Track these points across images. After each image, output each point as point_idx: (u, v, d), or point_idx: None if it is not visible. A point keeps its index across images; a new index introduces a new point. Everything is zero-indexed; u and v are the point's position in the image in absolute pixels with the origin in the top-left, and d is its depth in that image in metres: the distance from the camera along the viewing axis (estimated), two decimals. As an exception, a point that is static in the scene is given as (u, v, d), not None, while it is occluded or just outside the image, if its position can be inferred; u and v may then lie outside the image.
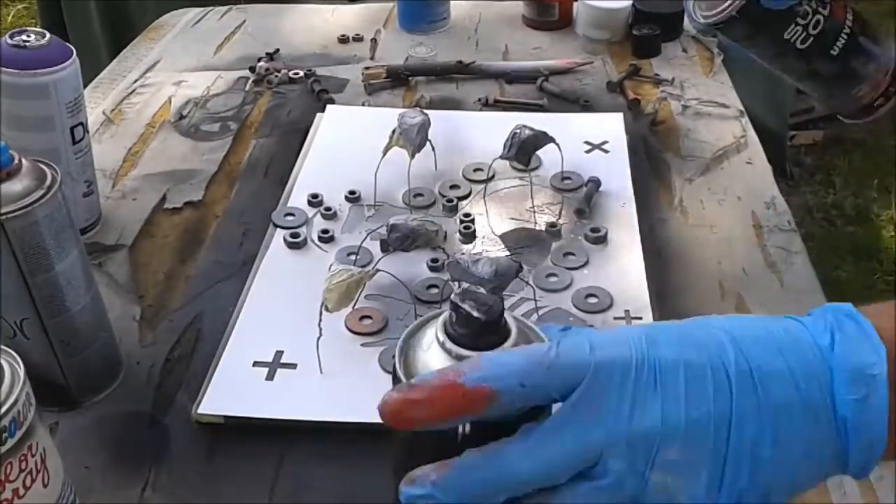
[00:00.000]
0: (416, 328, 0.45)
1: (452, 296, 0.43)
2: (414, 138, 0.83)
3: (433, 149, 0.86)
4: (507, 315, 0.44)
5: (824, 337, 0.41)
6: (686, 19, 1.20)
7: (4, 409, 0.46)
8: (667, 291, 0.76)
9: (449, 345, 0.43)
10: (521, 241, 0.82)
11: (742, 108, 1.03)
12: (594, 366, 0.40)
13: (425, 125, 0.84)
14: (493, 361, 0.40)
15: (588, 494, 0.40)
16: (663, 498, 0.40)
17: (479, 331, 0.42)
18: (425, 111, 0.85)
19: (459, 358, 0.42)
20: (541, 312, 0.73)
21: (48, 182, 0.59)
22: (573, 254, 0.80)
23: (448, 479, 0.40)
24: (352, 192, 0.87)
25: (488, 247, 0.81)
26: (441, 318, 0.44)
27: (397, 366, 0.44)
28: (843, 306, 0.42)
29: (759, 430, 0.39)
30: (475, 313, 0.42)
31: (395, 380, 0.43)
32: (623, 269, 0.78)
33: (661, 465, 0.39)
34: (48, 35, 0.75)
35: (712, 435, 0.39)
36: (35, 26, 0.78)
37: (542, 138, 0.83)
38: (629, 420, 0.39)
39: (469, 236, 0.82)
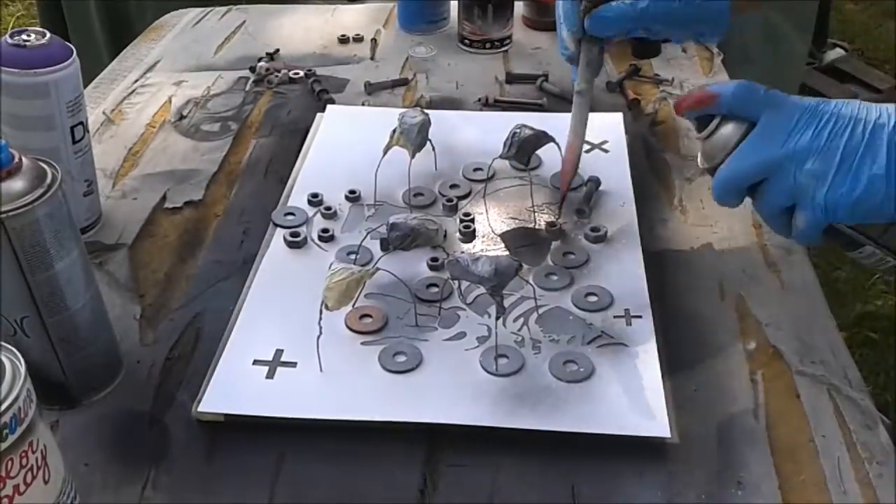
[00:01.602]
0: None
1: None
2: (414, 138, 0.83)
3: (433, 148, 0.86)
4: None
5: None
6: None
7: (5, 405, 0.46)
8: (666, 291, 0.76)
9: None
10: (521, 241, 0.82)
11: (742, 108, 1.03)
12: (777, 99, 0.66)
13: (425, 125, 0.84)
14: (721, 83, 0.69)
15: (769, 194, 0.66)
16: (805, 196, 0.64)
17: None
18: (425, 111, 0.85)
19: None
20: (541, 311, 0.73)
21: (48, 181, 0.59)
22: (573, 253, 0.80)
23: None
24: (352, 192, 0.88)
25: (488, 246, 0.81)
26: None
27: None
28: None
29: (876, 159, 0.61)
30: None
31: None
32: (623, 268, 0.78)
33: (805, 173, 0.63)
34: (48, 34, 0.75)
35: (839, 157, 0.62)
36: (35, 27, 0.78)
37: (542, 138, 0.83)
38: (790, 138, 0.64)
39: (469, 235, 0.82)
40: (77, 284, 0.63)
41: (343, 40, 1.22)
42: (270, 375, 0.68)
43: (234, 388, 0.66)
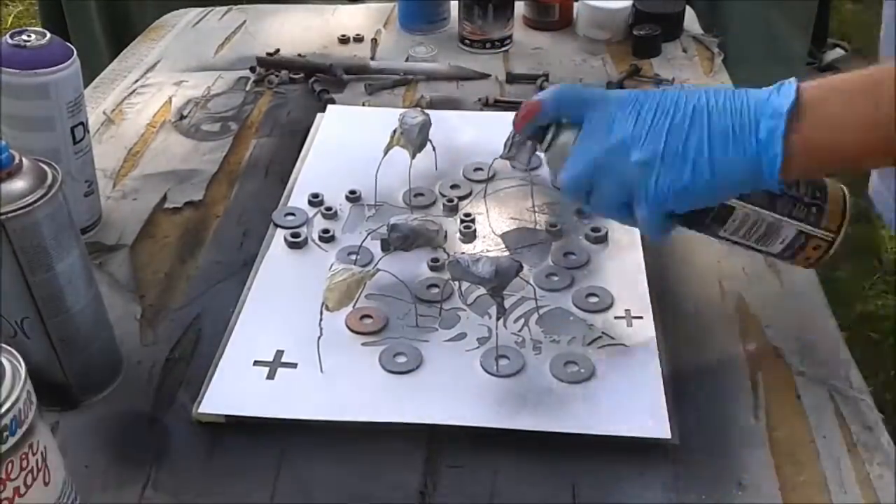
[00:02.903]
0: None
1: None
2: (414, 138, 0.83)
3: (433, 149, 0.86)
4: None
5: (765, 93, 0.60)
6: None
7: (6, 407, 0.46)
8: (667, 291, 0.76)
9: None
10: (522, 241, 0.82)
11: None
12: (596, 95, 0.64)
13: (426, 125, 0.84)
14: (547, 90, 0.68)
15: (602, 193, 0.64)
16: (638, 188, 0.61)
17: None
18: (426, 111, 0.85)
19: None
20: (541, 312, 0.73)
21: (49, 181, 0.59)
22: (573, 253, 0.80)
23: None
24: (352, 192, 0.87)
25: (489, 246, 0.81)
26: None
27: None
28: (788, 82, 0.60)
29: (701, 140, 0.59)
30: None
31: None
32: (623, 268, 0.78)
33: (633, 165, 0.61)
34: (48, 35, 0.75)
35: (664, 140, 0.60)
36: (36, 26, 0.78)
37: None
38: (612, 133, 0.62)
39: (469, 236, 0.82)
40: (77, 285, 0.63)
41: (343, 40, 1.22)
42: (271, 376, 0.68)
43: (234, 389, 0.66)
